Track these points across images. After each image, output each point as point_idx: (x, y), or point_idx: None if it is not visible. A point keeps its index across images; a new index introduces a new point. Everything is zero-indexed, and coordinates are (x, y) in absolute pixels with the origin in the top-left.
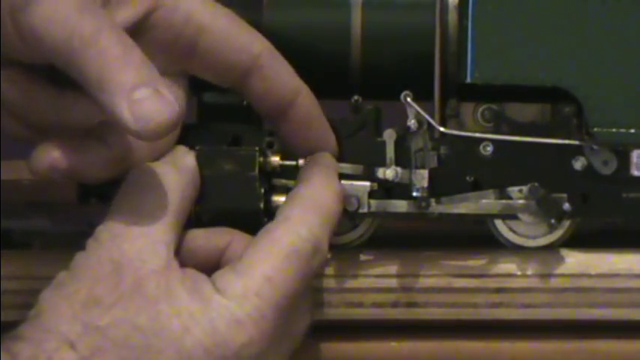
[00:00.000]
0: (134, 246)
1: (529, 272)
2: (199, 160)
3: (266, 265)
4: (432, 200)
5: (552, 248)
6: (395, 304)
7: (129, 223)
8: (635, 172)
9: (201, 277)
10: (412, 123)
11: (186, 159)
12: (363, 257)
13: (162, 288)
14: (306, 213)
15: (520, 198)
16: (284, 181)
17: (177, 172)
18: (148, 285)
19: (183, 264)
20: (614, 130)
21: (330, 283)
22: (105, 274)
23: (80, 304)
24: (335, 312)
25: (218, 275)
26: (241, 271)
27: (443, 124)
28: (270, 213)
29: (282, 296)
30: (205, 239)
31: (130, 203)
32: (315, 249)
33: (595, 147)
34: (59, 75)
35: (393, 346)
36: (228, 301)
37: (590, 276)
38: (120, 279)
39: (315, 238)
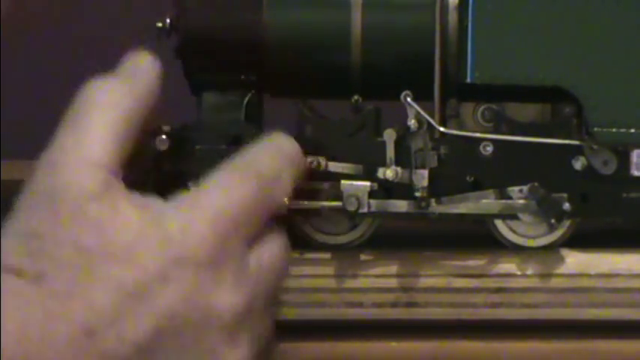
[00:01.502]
0: (70, 172)
1: (529, 272)
2: (199, 159)
3: (224, 179)
4: (432, 200)
5: (552, 248)
6: (395, 304)
7: (64, 148)
8: (635, 172)
9: (151, 196)
10: (412, 123)
11: (138, 71)
12: (363, 257)
13: (106, 208)
14: (269, 149)
15: (520, 198)
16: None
17: (125, 87)
18: (88, 208)
19: None
20: (614, 130)
21: (330, 283)
22: (41, 206)
23: (25, 234)
24: (335, 312)
25: (172, 196)
26: (198, 187)
27: (443, 124)
28: None
29: (239, 207)
30: None
31: (68, 127)
32: (275, 177)
33: (595, 147)
34: None
35: (393, 346)
36: (180, 210)
37: (590, 276)
38: (58, 208)
39: (276, 167)
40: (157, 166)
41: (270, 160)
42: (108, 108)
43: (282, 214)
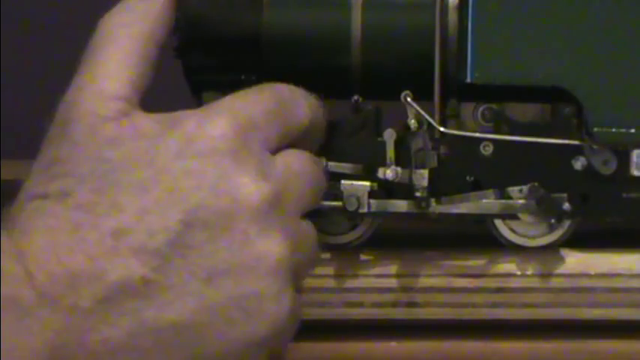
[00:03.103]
0: (85, 104)
1: (529, 272)
2: None
3: (243, 95)
4: (432, 200)
5: (552, 248)
6: (395, 304)
7: (80, 86)
8: (635, 172)
9: (151, 115)
10: (412, 123)
11: (145, 7)
12: (363, 257)
13: (124, 125)
14: (286, 85)
15: (520, 198)
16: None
17: (138, 11)
18: (105, 128)
19: None
20: (614, 130)
21: (330, 283)
22: (58, 136)
23: (44, 165)
24: (335, 312)
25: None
26: (217, 100)
27: (443, 124)
28: None
29: (258, 110)
30: None
31: (84, 65)
32: (294, 99)
33: (595, 147)
34: None
35: (393, 346)
36: (195, 112)
37: (590, 276)
38: (74, 133)
39: (294, 93)
40: None
41: (287, 88)
42: (123, 38)
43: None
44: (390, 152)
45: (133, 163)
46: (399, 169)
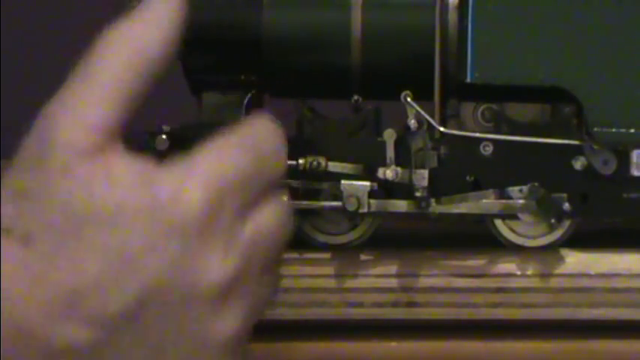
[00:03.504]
0: (64, 130)
1: (529, 272)
2: None
3: (219, 148)
4: (432, 200)
5: (552, 248)
6: (395, 304)
7: (65, 104)
8: (635, 172)
9: (142, 156)
10: (412, 123)
11: (157, 17)
12: (363, 257)
13: (98, 167)
14: (267, 125)
15: (520, 198)
16: (284, 181)
17: (131, 48)
18: (79, 167)
19: None
20: (614, 130)
21: (330, 283)
22: (32, 162)
23: (12, 194)
24: (335, 312)
25: (167, 160)
26: (194, 153)
27: (443, 124)
28: None
29: (233, 175)
30: None
31: (74, 81)
32: (273, 151)
33: (595, 147)
34: None
35: (393, 346)
36: (170, 172)
37: (590, 276)
38: (48, 166)
39: (273, 144)
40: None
41: (269, 135)
42: (117, 68)
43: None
44: (390, 152)
45: (99, 220)
46: (399, 169)
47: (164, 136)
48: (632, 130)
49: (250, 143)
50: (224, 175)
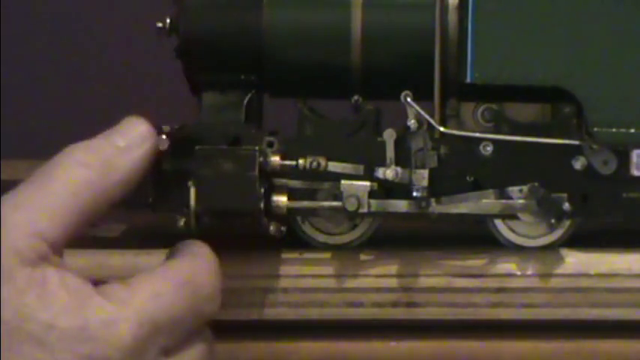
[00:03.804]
0: (11, 233)
1: (529, 272)
2: (199, 159)
3: (157, 283)
4: (432, 200)
5: (552, 248)
6: (395, 304)
7: (17, 206)
8: (635, 172)
9: (86, 281)
10: (412, 123)
11: (123, 157)
12: (363, 257)
13: (34, 280)
14: (210, 263)
15: (520, 198)
16: (284, 181)
17: (101, 167)
18: (17, 276)
19: None
20: (614, 130)
21: (330, 283)
22: None
23: None
24: (335, 312)
25: (106, 284)
26: (130, 282)
27: (443, 124)
28: (270, 213)
29: (166, 316)
30: None
31: (30, 184)
32: (211, 294)
33: (595, 147)
34: None
35: (393, 346)
36: (107, 302)
37: (590, 276)
38: None
39: (211, 287)
40: (157, 165)
41: (209, 277)
42: (76, 184)
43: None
44: (390, 152)
45: (28, 335)
46: (399, 169)
47: (164, 136)
48: (632, 130)
49: (188, 281)
50: (157, 315)
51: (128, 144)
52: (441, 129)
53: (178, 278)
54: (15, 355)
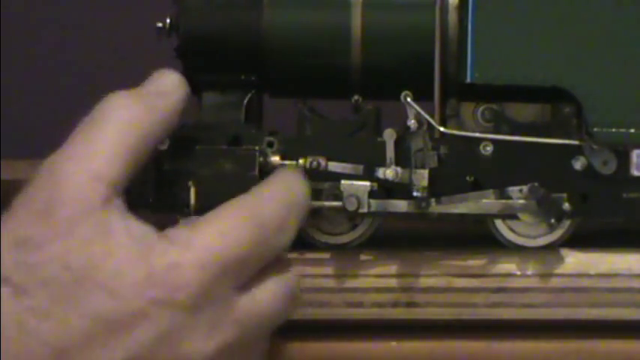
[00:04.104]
0: (71, 183)
1: (529, 272)
2: (199, 159)
3: (222, 222)
4: (432, 200)
5: (552, 248)
6: (395, 304)
7: (70, 157)
8: (635, 172)
9: (149, 226)
10: (412, 123)
11: (162, 90)
12: (363, 257)
13: (99, 228)
14: (277, 192)
15: (520, 198)
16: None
17: (146, 106)
18: (82, 225)
19: None
20: (614, 130)
21: (330, 283)
22: (38, 212)
23: (13, 241)
24: (335, 312)
25: (172, 228)
26: (195, 224)
27: (443, 124)
28: None
29: (232, 255)
30: None
31: (80, 136)
32: (279, 227)
33: (595, 147)
34: None
35: (393, 346)
36: (171, 246)
37: (590, 276)
38: (53, 218)
39: (281, 216)
40: (157, 165)
41: (276, 207)
42: (124, 124)
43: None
44: (390, 152)
45: (94, 283)
46: (399, 169)
47: None
48: (632, 130)
49: (253, 215)
50: (223, 253)
51: (164, 90)
52: (441, 129)
53: (243, 214)
54: (86, 304)
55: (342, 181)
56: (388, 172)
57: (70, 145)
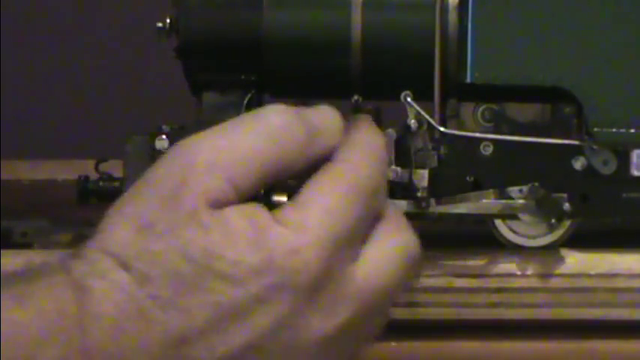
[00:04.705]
0: (202, 176)
1: (529, 272)
2: None
3: (326, 198)
4: (432, 200)
5: (552, 248)
6: (395, 304)
7: (209, 148)
8: (635, 172)
9: (260, 209)
10: (412, 123)
11: (317, 134)
12: None
13: (218, 218)
14: (365, 156)
15: (520, 198)
16: (284, 181)
17: (303, 128)
18: (203, 214)
19: None
20: (614, 130)
21: None
22: (164, 198)
23: (137, 227)
24: None
25: (277, 209)
26: (300, 203)
27: (443, 124)
28: None
29: (342, 229)
30: None
31: (224, 129)
32: (374, 190)
33: (595, 147)
34: None
35: (393, 346)
36: (286, 230)
37: (590, 276)
38: (179, 202)
39: (374, 179)
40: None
41: (369, 169)
42: (272, 135)
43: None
44: (390, 152)
45: (215, 271)
46: (399, 169)
47: (164, 136)
48: (632, 130)
49: (353, 184)
50: (335, 230)
51: (324, 126)
52: (441, 129)
53: (342, 185)
54: (207, 293)
55: None
56: (388, 172)
57: (211, 135)
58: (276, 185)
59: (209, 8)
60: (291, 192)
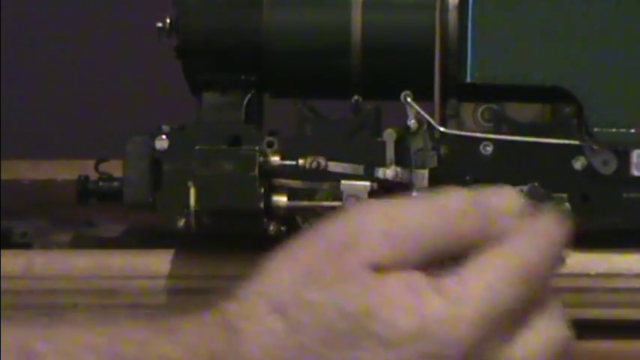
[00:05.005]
0: (372, 237)
1: None
2: (199, 159)
3: (489, 274)
4: None
5: None
6: None
7: (384, 214)
8: (635, 172)
9: (420, 276)
10: (412, 123)
11: (487, 216)
12: None
13: (378, 279)
14: (536, 241)
15: None
16: (284, 181)
17: (479, 215)
18: (366, 275)
19: None
20: (614, 130)
21: None
22: (332, 253)
23: (301, 274)
24: None
25: (438, 278)
26: (462, 276)
27: (443, 124)
28: (270, 213)
29: (500, 308)
30: None
31: (396, 204)
32: (538, 276)
33: (595, 147)
34: None
35: None
36: (444, 300)
37: (590, 276)
38: (346, 260)
39: (540, 265)
40: (157, 166)
41: (539, 255)
42: (446, 212)
43: None
44: (390, 152)
45: (368, 334)
46: (399, 169)
47: (164, 136)
48: (632, 130)
49: (519, 266)
50: (493, 309)
51: (498, 209)
52: (441, 129)
53: (509, 266)
54: (357, 351)
55: (342, 181)
56: (388, 172)
57: (389, 204)
58: (277, 185)
59: (209, 8)
60: (291, 193)
